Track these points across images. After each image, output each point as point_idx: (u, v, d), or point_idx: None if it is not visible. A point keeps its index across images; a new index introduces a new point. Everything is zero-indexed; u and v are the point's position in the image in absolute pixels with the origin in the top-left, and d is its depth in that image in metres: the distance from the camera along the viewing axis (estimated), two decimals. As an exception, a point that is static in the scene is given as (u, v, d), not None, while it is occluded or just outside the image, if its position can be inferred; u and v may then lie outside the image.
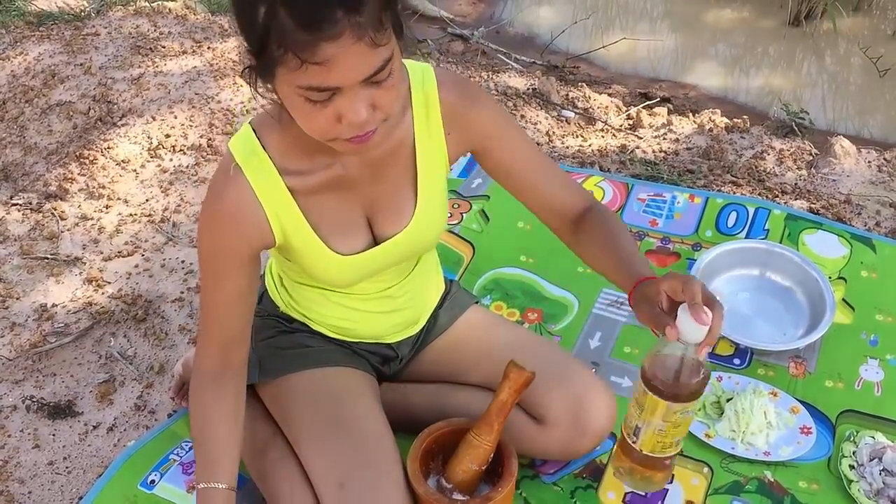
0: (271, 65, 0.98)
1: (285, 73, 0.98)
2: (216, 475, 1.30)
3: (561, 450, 1.48)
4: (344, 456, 1.34)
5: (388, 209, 1.29)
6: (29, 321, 1.98)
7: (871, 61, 3.36)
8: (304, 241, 1.25)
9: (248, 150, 1.18)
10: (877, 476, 1.52)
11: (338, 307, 1.43)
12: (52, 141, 2.58)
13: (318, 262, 1.28)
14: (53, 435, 1.74)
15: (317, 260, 1.27)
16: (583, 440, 1.45)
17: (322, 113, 1.02)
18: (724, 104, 3.13)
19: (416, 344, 1.56)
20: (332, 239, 1.26)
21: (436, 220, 1.34)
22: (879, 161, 2.47)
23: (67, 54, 2.96)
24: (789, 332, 1.84)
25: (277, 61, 0.97)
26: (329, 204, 1.24)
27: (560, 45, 3.56)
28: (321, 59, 0.95)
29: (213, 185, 1.22)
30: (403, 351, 1.54)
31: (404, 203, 1.29)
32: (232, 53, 3.01)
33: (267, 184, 1.19)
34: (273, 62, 0.98)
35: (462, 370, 1.53)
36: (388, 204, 1.29)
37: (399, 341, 1.52)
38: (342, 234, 1.27)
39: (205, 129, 2.60)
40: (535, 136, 2.62)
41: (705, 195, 2.20)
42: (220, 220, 1.20)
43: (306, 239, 1.25)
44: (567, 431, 1.44)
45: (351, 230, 1.28)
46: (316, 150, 1.18)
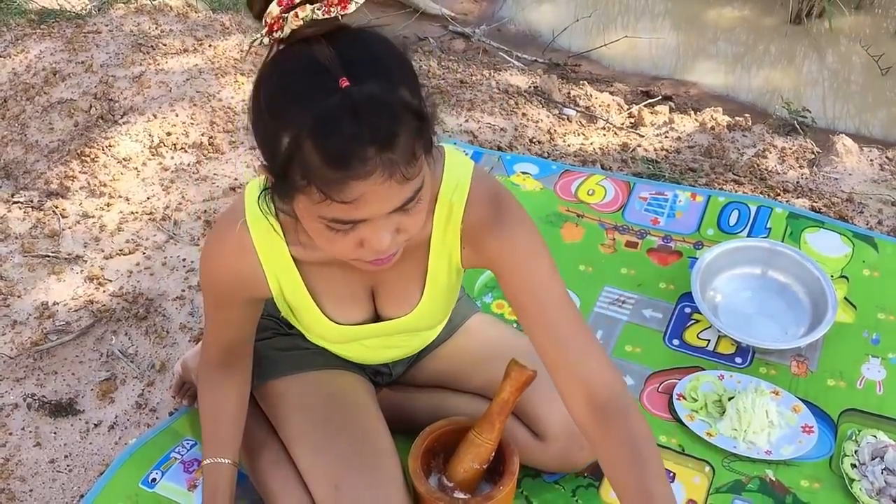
0: (291, 191, 0.92)
1: (306, 201, 0.92)
2: (223, 451, 1.33)
3: (561, 464, 1.48)
4: (339, 457, 1.34)
5: (393, 294, 1.27)
6: (30, 319, 1.98)
7: (872, 59, 3.36)
8: (302, 304, 1.25)
9: (259, 212, 1.11)
10: (878, 475, 1.51)
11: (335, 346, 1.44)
12: (53, 139, 2.58)
13: (311, 322, 1.28)
14: (55, 433, 1.74)
15: (311, 321, 1.28)
16: (582, 454, 1.45)
17: (343, 239, 0.96)
18: (725, 102, 3.13)
19: (410, 363, 1.56)
20: (330, 308, 1.25)
21: (440, 312, 1.32)
22: (881, 159, 2.47)
23: (69, 52, 2.96)
24: (791, 330, 1.84)
25: (299, 190, 0.91)
26: (333, 276, 1.21)
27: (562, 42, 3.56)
28: (348, 198, 0.89)
29: (219, 231, 1.21)
30: (397, 370, 1.54)
31: (410, 292, 1.26)
32: (233, 51, 3.00)
33: (272, 249, 1.17)
34: (294, 189, 0.91)
35: (461, 377, 1.53)
36: (394, 289, 1.26)
37: (395, 361, 1.52)
38: (342, 305, 1.25)
39: (206, 127, 2.60)
40: (537, 135, 2.62)
41: (707, 193, 2.19)
42: (220, 265, 1.21)
43: (304, 304, 1.24)
44: (566, 446, 1.43)
45: (352, 303, 1.26)
46: None
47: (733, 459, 1.59)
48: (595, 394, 1.12)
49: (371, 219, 0.93)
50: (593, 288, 1.96)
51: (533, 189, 2.25)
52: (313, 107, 0.87)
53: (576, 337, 1.16)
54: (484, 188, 1.17)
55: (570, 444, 1.43)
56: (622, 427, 1.10)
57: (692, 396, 1.68)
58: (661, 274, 1.99)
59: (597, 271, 2.01)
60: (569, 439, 1.42)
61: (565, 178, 2.28)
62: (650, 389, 1.72)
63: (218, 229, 1.22)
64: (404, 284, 1.25)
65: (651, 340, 1.83)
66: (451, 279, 1.26)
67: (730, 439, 1.60)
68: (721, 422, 1.63)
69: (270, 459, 1.43)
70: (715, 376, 1.72)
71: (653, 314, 1.89)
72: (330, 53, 0.89)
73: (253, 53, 3.00)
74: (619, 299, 1.93)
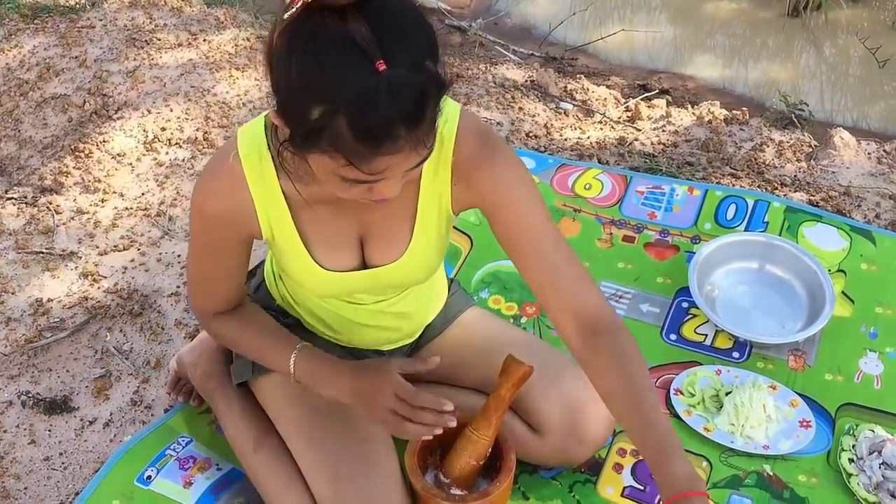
0: (311, 147, 0.97)
1: (328, 161, 0.97)
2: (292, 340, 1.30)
3: (559, 458, 1.48)
4: (338, 450, 1.34)
5: (381, 237, 1.26)
6: (24, 316, 1.97)
7: (870, 52, 3.35)
8: (291, 246, 1.23)
9: (252, 146, 1.16)
10: (876, 469, 1.51)
11: (331, 314, 1.41)
12: (47, 134, 2.57)
13: (299, 269, 1.26)
14: (49, 430, 1.73)
15: (299, 267, 1.26)
16: (580, 448, 1.44)
17: (355, 188, 1.02)
18: (723, 96, 3.12)
19: (408, 353, 1.54)
20: (319, 253, 1.24)
21: (428, 260, 1.29)
22: (879, 153, 2.46)
23: (62, 47, 2.94)
24: (788, 325, 1.83)
25: (322, 151, 0.96)
26: (322, 217, 1.21)
27: (558, 36, 3.54)
28: (374, 170, 0.96)
29: (210, 168, 1.21)
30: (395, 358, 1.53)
31: (399, 236, 1.25)
32: (228, 46, 2.99)
33: (263, 184, 1.17)
34: (316, 149, 0.96)
35: (458, 371, 1.52)
36: (383, 232, 1.25)
37: (393, 349, 1.50)
38: (331, 250, 1.24)
39: (201, 123, 2.58)
40: (534, 129, 2.61)
41: (704, 187, 2.19)
42: (211, 199, 1.20)
43: (293, 247, 1.23)
44: (564, 440, 1.43)
45: (340, 248, 1.25)
46: None
47: (731, 454, 1.58)
48: (587, 318, 1.18)
49: (387, 178, 1.00)
50: (590, 283, 1.95)
51: (529, 183, 2.24)
52: (350, 86, 0.91)
53: (568, 267, 1.20)
54: (474, 122, 1.21)
55: (567, 437, 1.42)
56: (612, 344, 1.17)
57: (689, 391, 1.68)
58: (658, 268, 1.99)
59: (594, 266, 2.00)
60: (567, 433, 1.42)
61: (562, 172, 2.27)
62: (647, 384, 1.72)
63: (209, 167, 1.21)
64: (393, 227, 1.24)
65: (648, 335, 1.83)
66: (440, 226, 1.26)
67: (727, 434, 1.60)
68: (718, 417, 1.62)
69: (269, 454, 1.42)
70: (712, 371, 1.72)
71: (650, 309, 1.89)
72: (366, 31, 0.91)
73: (247, 48, 2.98)
74: (616, 294, 1.93)
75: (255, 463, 1.44)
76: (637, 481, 1.54)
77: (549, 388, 1.42)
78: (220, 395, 1.55)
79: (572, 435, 1.42)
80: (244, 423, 1.48)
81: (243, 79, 2.79)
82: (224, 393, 1.54)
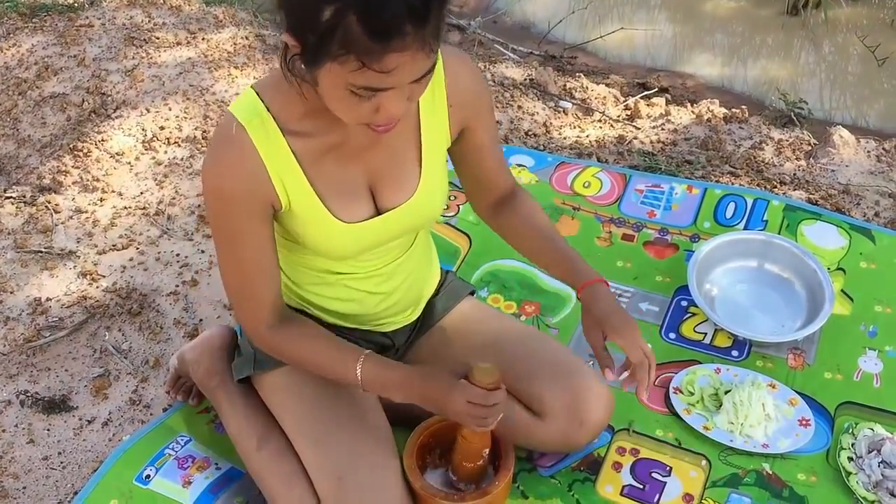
0: (323, 58, 1.00)
1: (338, 69, 1.00)
2: (358, 351, 1.30)
3: (560, 442, 1.48)
4: (342, 449, 1.34)
5: (391, 179, 1.28)
6: (23, 315, 1.97)
7: (869, 50, 3.34)
8: (308, 206, 1.23)
9: (251, 112, 1.17)
10: (875, 468, 1.51)
11: (336, 287, 1.40)
12: (45, 133, 2.56)
13: (320, 230, 1.26)
14: (48, 430, 1.73)
15: (319, 227, 1.25)
16: (581, 432, 1.45)
17: (363, 105, 1.05)
18: (722, 94, 3.12)
19: (412, 333, 1.55)
20: (335, 206, 1.24)
21: (439, 192, 1.34)
22: (878, 151, 2.46)
23: (61, 46, 2.94)
24: (788, 323, 1.83)
25: (334, 58, 0.99)
26: (332, 170, 1.23)
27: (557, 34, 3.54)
28: (386, 68, 0.99)
29: (214, 148, 1.20)
30: (399, 340, 1.53)
31: (408, 174, 1.29)
32: (227, 45, 2.99)
33: (271, 145, 1.18)
34: (327, 57, 1.00)
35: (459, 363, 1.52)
36: (392, 174, 1.28)
37: (395, 329, 1.50)
38: (345, 201, 1.26)
39: (199, 121, 2.58)
40: (533, 128, 2.61)
41: (703, 186, 2.18)
42: (226, 181, 1.18)
43: (310, 204, 1.23)
44: (565, 424, 1.44)
45: (354, 198, 1.27)
46: (320, 114, 1.17)
47: (730, 453, 1.58)
48: (500, 195, 1.46)
49: (395, 87, 1.03)
50: (589, 281, 1.95)
51: (528, 182, 2.24)
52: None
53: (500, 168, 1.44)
54: (454, 49, 1.32)
55: (569, 421, 1.43)
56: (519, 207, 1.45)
57: (689, 390, 1.68)
58: (657, 267, 1.99)
59: (593, 264, 1.94)
60: (568, 417, 1.43)
61: (561, 170, 2.26)
62: (646, 383, 1.72)
63: (214, 148, 1.20)
64: (402, 167, 1.28)
65: (647, 334, 1.82)
66: (442, 153, 1.33)
67: (726, 433, 1.60)
68: (718, 415, 1.62)
69: (272, 452, 1.42)
70: (711, 370, 1.71)
71: (649, 307, 1.89)
72: None
73: (246, 47, 2.98)
74: (616, 293, 1.92)
75: (259, 461, 1.44)
76: (636, 480, 1.54)
77: (550, 373, 1.44)
78: (222, 393, 1.54)
79: (574, 417, 1.43)
80: (248, 421, 1.48)
81: (242, 77, 2.79)
82: (227, 390, 1.54)
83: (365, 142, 1.24)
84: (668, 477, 1.54)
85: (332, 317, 1.45)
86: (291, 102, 1.17)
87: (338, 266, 1.37)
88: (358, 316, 1.45)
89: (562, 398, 1.42)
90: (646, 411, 1.66)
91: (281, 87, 1.16)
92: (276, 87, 1.18)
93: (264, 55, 2.93)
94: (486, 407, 1.24)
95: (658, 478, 1.54)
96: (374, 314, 1.46)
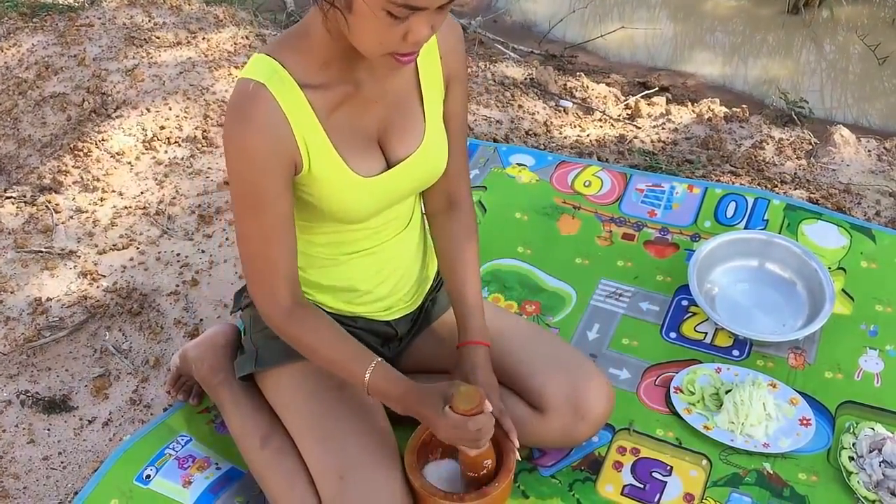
0: None
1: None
2: (370, 356, 1.30)
3: (561, 437, 1.48)
4: (344, 448, 1.34)
5: (399, 129, 1.32)
6: (23, 315, 1.97)
7: (869, 49, 3.34)
8: (327, 161, 1.25)
9: (268, 70, 1.19)
10: (876, 467, 1.51)
11: (341, 268, 1.41)
12: (45, 133, 2.56)
13: (339, 186, 1.27)
14: (48, 430, 1.73)
15: (338, 184, 1.27)
16: (582, 426, 1.45)
17: (394, 29, 1.09)
18: (722, 93, 3.12)
19: (414, 323, 1.55)
20: (351, 160, 1.27)
21: (443, 142, 1.38)
22: (879, 150, 2.45)
23: (61, 45, 2.94)
24: (788, 323, 1.83)
25: None
26: (345, 122, 1.26)
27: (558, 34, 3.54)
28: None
29: (236, 110, 1.19)
30: (402, 329, 1.53)
31: (414, 123, 1.33)
32: (227, 44, 2.98)
33: (291, 99, 1.19)
34: None
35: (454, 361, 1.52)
36: (399, 124, 1.31)
37: (398, 318, 1.51)
38: (360, 154, 1.28)
39: (199, 121, 2.58)
40: (533, 127, 2.61)
41: (704, 185, 2.18)
42: (253, 139, 1.18)
43: (329, 159, 1.25)
44: (566, 418, 1.44)
45: (367, 151, 1.29)
46: (332, 65, 1.21)
47: (731, 452, 1.58)
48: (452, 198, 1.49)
49: (427, 9, 1.08)
50: (590, 280, 1.95)
51: (529, 181, 2.23)
52: None
53: (461, 158, 1.46)
54: None
55: (570, 414, 1.44)
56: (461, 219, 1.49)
57: (689, 389, 1.68)
58: (658, 266, 1.98)
59: (593, 264, 2.00)
60: (569, 411, 1.43)
61: (561, 169, 2.26)
62: (647, 383, 1.71)
63: (234, 109, 1.19)
64: (408, 116, 1.32)
65: (648, 333, 1.82)
66: (440, 104, 1.36)
67: (727, 432, 1.60)
68: (718, 415, 1.62)
69: (275, 450, 1.42)
70: (712, 369, 1.71)
71: (650, 307, 1.88)
72: None
73: (246, 46, 2.98)
74: (616, 292, 1.92)
75: (262, 459, 1.44)
76: (637, 479, 1.54)
77: (552, 368, 1.45)
78: (225, 391, 1.54)
79: (575, 412, 1.43)
80: (251, 419, 1.48)
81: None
82: (230, 388, 1.54)
83: (376, 93, 1.27)
84: (668, 476, 1.54)
85: (337, 301, 1.45)
86: (305, 56, 1.20)
87: (347, 240, 1.37)
88: (361, 296, 1.45)
89: (563, 391, 1.43)
90: (646, 411, 1.66)
91: (291, 43, 1.21)
92: (287, 45, 1.21)
93: (264, 55, 2.92)
94: (472, 431, 1.25)
95: (659, 477, 1.54)
96: (377, 298, 1.46)
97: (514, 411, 1.44)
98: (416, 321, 1.55)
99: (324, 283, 1.43)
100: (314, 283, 1.43)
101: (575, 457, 1.57)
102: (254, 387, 1.52)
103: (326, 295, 1.44)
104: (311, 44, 1.20)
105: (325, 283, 1.43)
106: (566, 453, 1.58)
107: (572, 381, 1.44)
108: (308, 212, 1.32)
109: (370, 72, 1.25)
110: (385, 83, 1.28)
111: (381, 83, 1.27)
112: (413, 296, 1.52)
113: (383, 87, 1.28)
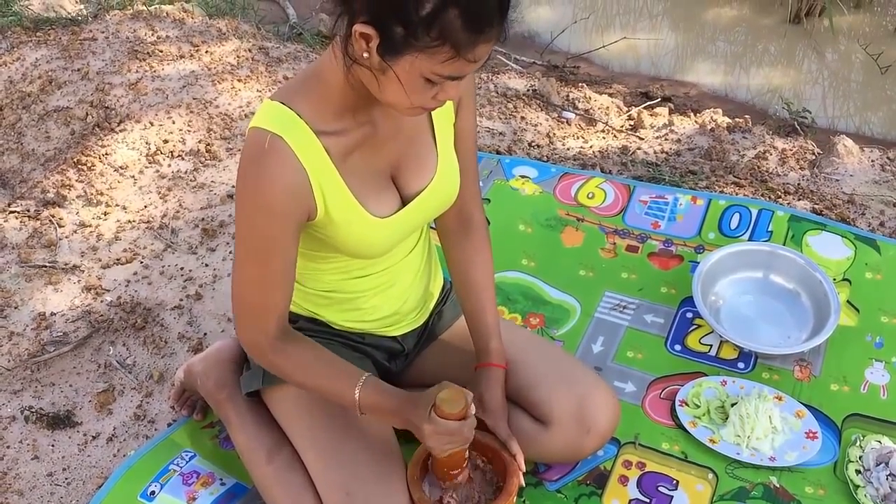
0: (408, 49, 1.05)
1: (425, 59, 1.06)
2: (359, 373, 1.29)
3: (567, 450, 1.47)
4: (351, 463, 1.34)
5: (413, 164, 1.31)
6: (27, 330, 1.97)
7: (872, 58, 3.34)
8: (344, 207, 1.24)
9: (284, 120, 1.18)
10: (884, 481, 1.50)
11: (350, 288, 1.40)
12: (49, 147, 2.57)
13: (356, 229, 1.27)
14: (52, 445, 1.72)
15: (355, 226, 1.26)
16: (588, 440, 1.44)
17: (428, 91, 1.11)
18: (725, 103, 3.12)
19: (420, 338, 1.55)
20: (367, 202, 1.27)
21: (455, 169, 1.37)
22: (883, 160, 2.45)
23: (65, 59, 2.95)
24: (794, 335, 1.82)
25: (422, 49, 1.05)
26: (359, 165, 1.25)
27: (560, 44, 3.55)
28: (476, 57, 1.07)
29: (252, 164, 1.18)
30: (409, 344, 1.53)
31: (427, 154, 1.33)
32: (230, 57, 2.99)
33: (308, 147, 1.19)
34: (413, 49, 1.05)
35: (467, 371, 1.52)
36: (413, 158, 1.31)
37: (405, 334, 1.50)
38: (375, 195, 1.28)
39: (203, 134, 2.58)
40: (536, 138, 2.61)
41: (707, 197, 2.18)
42: (271, 192, 1.17)
43: (346, 205, 1.24)
44: (572, 431, 1.43)
45: (382, 191, 1.29)
46: (347, 111, 1.21)
47: (737, 466, 1.57)
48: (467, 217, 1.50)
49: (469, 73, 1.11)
50: (594, 293, 1.95)
51: (532, 193, 2.23)
52: None
53: (473, 176, 1.47)
54: None
55: (576, 428, 1.43)
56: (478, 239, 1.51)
57: (695, 402, 1.67)
58: (662, 278, 1.98)
59: (597, 276, 1.99)
60: (575, 424, 1.42)
61: (565, 181, 2.26)
62: (652, 395, 1.71)
63: (249, 163, 1.19)
64: (420, 150, 1.33)
65: (653, 346, 1.82)
66: (450, 130, 1.37)
67: (733, 446, 1.59)
68: (724, 428, 1.61)
69: (281, 466, 1.42)
70: (717, 382, 1.71)
71: (654, 319, 1.88)
72: None
73: (249, 59, 2.99)
74: (621, 304, 1.92)
75: (267, 474, 1.43)
76: (643, 494, 1.53)
77: (557, 381, 1.44)
78: (231, 406, 1.54)
79: (581, 425, 1.43)
80: (256, 434, 1.48)
81: (245, 90, 2.79)
82: (236, 403, 1.53)
83: (391, 131, 1.27)
84: (674, 490, 1.53)
85: (344, 318, 1.45)
86: (321, 103, 1.20)
87: (355, 266, 1.37)
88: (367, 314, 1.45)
89: (568, 405, 1.42)
90: (651, 424, 1.65)
91: (306, 90, 1.20)
92: (302, 92, 1.20)
93: (267, 67, 2.93)
94: (450, 436, 1.25)
95: (664, 491, 1.53)
96: (384, 315, 1.46)
97: (520, 425, 1.44)
98: (421, 336, 1.55)
99: (330, 301, 1.43)
100: (321, 302, 1.43)
101: (580, 471, 1.57)
102: (259, 402, 1.52)
103: (333, 313, 1.44)
104: (328, 92, 1.19)
105: (332, 301, 1.43)
106: (572, 467, 1.57)
107: (578, 394, 1.43)
108: (318, 244, 1.32)
109: (384, 111, 1.25)
110: (399, 121, 1.28)
111: (395, 121, 1.27)
112: (419, 311, 1.51)
113: (397, 124, 1.28)
